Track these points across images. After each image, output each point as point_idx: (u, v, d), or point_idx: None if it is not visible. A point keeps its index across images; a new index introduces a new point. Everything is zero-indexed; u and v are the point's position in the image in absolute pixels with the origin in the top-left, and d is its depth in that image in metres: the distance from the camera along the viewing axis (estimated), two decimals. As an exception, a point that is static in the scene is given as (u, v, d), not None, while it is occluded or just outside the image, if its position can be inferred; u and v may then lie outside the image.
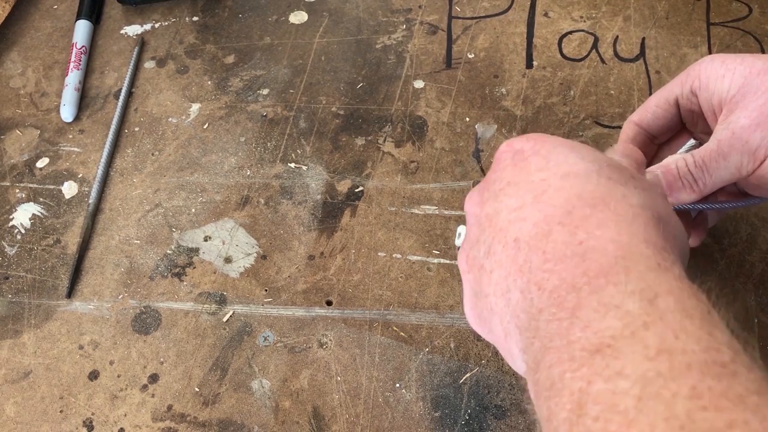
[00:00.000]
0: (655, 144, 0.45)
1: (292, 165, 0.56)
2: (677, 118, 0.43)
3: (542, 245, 0.29)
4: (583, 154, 0.32)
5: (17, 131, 0.60)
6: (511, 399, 0.45)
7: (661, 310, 0.25)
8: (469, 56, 0.61)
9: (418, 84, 0.60)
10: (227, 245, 0.53)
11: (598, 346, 0.25)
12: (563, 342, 0.26)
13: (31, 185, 0.57)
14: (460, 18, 0.64)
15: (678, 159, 0.39)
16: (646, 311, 0.25)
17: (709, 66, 0.39)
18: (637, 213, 0.29)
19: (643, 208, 0.30)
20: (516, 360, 0.32)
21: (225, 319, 0.49)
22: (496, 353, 0.46)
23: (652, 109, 0.43)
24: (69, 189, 0.56)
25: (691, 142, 0.44)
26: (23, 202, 0.56)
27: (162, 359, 0.48)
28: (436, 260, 0.51)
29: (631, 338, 0.24)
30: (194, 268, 0.52)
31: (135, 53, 0.63)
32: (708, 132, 0.41)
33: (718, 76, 0.39)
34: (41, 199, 0.56)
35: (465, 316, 0.36)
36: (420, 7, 0.65)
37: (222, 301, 0.50)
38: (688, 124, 0.43)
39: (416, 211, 0.53)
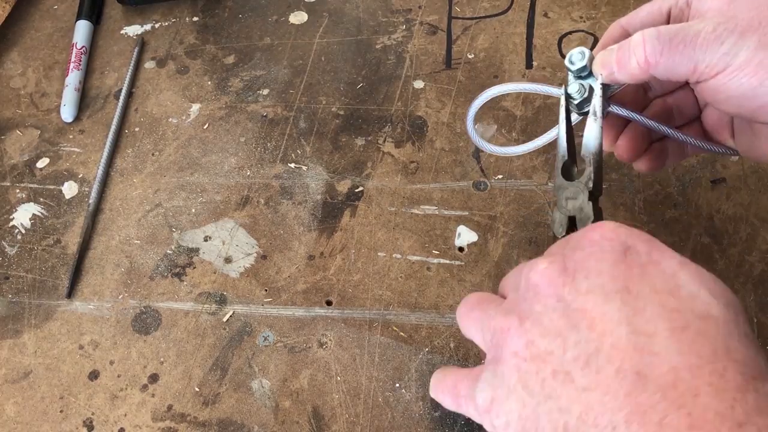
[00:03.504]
0: (650, 96, 0.43)
1: (292, 165, 0.56)
2: None
3: (687, 404, 0.24)
4: (712, 290, 0.28)
5: (17, 131, 0.60)
6: (511, 399, 0.45)
7: None
8: (469, 56, 0.61)
9: (418, 84, 0.60)
10: (227, 245, 0.53)
11: None
12: None
13: (31, 185, 0.57)
14: (459, 18, 0.64)
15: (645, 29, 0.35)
16: None
17: None
18: None
19: None
20: None
21: (225, 319, 0.49)
22: (496, 353, 0.46)
23: (641, 17, 0.39)
24: (69, 189, 0.56)
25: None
26: (23, 202, 0.56)
27: (162, 359, 0.48)
28: (435, 260, 0.51)
29: None
30: (194, 268, 0.52)
31: (135, 53, 0.64)
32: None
33: None
34: (41, 199, 0.56)
35: (476, 401, 0.31)
36: (420, 7, 0.65)
37: (222, 301, 0.50)
38: None
39: (416, 211, 0.53)
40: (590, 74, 0.39)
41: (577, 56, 0.39)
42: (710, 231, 0.50)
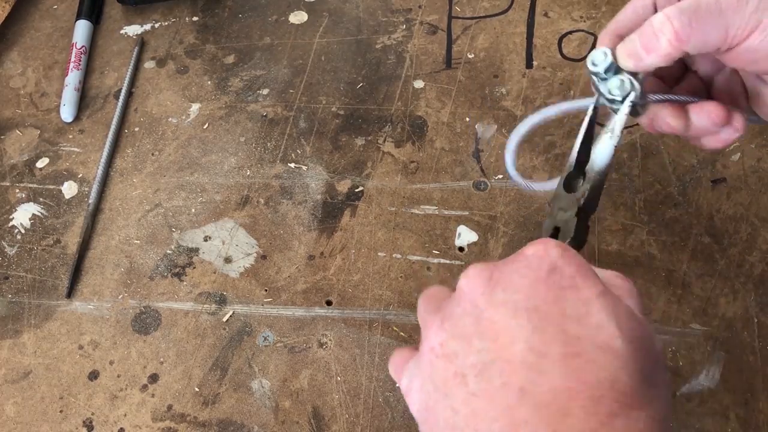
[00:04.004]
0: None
1: (292, 165, 0.56)
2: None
3: (555, 422, 0.25)
4: (620, 324, 0.28)
5: (17, 131, 0.60)
6: (511, 399, 0.45)
7: None
8: (469, 56, 0.61)
9: (418, 84, 0.60)
10: (227, 245, 0.53)
11: None
12: None
13: (31, 185, 0.57)
14: (460, 18, 0.64)
15: (662, 10, 0.34)
16: None
17: None
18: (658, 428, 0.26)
19: (663, 421, 0.27)
20: None
21: (225, 319, 0.49)
22: (496, 353, 0.46)
23: (628, 16, 0.38)
24: (69, 189, 0.56)
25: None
26: (23, 202, 0.56)
27: (162, 359, 0.48)
28: (435, 260, 0.51)
29: None
30: (194, 268, 0.52)
31: (135, 53, 0.63)
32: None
33: None
34: (41, 199, 0.56)
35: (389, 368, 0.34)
36: (420, 7, 0.65)
37: (222, 301, 0.50)
38: None
39: (416, 211, 0.53)
40: (616, 73, 0.37)
41: (599, 57, 0.37)
42: (710, 231, 0.50)
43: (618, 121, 0.37)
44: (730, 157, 0.53)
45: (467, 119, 0.57)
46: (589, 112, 0.39)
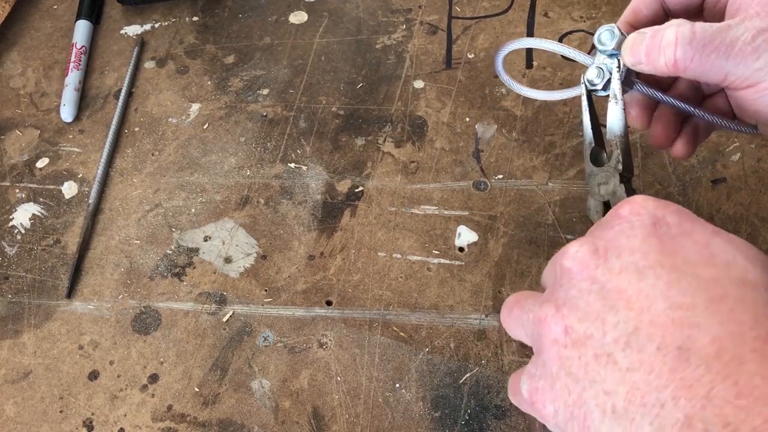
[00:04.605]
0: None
1: (292, 165, 0.56)
2: (662, 17, 0.39)
3: (733, 373, 0.24)
4: (747, 255, 0.27)
5: (17, 131, 0.60)
6: (511, 399, 0.45)
7: None
8: (469, 56, 0.61)
9: (418, 84, 0.60)
10: (227, 245, 0.53)
11: None
12: None
13: (31, 185, 0.57)
14: (460, 18, 0.64)
15: (681, 23, 0.34)
16: None
17: None
18: None
19: None
20: None
21: (225, 319, 0.49)
22: (496, 353, 0.46)
23: (636, 7, 0.38)
24: (69, 189, 0.56)
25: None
26: (23, 202, 0.56)
27: (162, 359, 0.48)
28: (435, 260, 0.51)
29: None
30: (194, 268, 0.52)
31: (135, 53, 0.63)
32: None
33: None
34: (41, 199, 0.56)
35: (517, 396, 0.31)
36: (420, 7, 0.65)
37: (222, 301, 0.50)
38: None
39: (416, 211, 0.53)
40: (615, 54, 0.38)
41: (606, 35, 0.37)
42: (710, 231, 0.50)
43: (615, 87, 0.38)
44: (730, 157, 0.53)
45: (467, 119, 0.57)
46: (584, 90, 0.40)
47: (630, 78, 0.38)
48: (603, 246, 0.29)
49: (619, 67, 0.38)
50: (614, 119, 0.38)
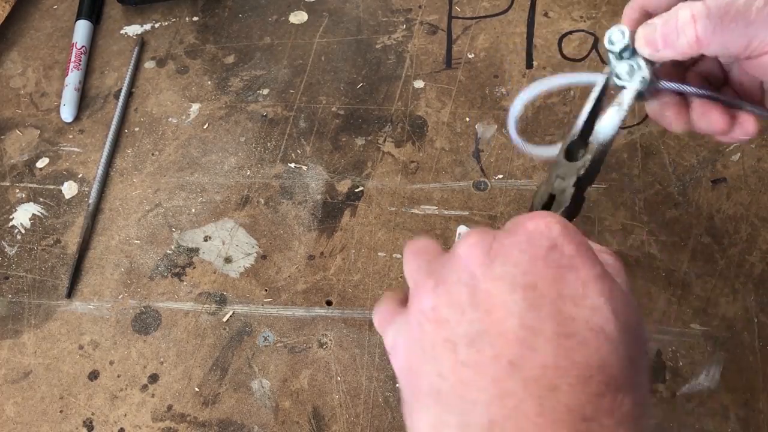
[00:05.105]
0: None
1: (292, 165, 0.56)
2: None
3: (543, 396, 0.26)
4: (615, 310, 0.28)
5: (17, 131, 0.60)
6: (511, 399, 0.45)
7: None
8: (469, 56, 0.61)
9: (418, 84, 0.60)
10: (227, 245, 0.53)
11: None
12: None
13: (31, 185, 0.57)
14: (460, 18, 0.64)
15: (690, 3, 0.34)
16: None
17: None
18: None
19: (645, 407, 0.28)
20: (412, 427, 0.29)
21: (225, 319, 0.49)
22: (496, 353, 0.46)
23: None
24: (69, 189, 0.56)
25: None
26: (23, 202, 0.56)
27: (162, 359, 0.48)
28: (436, 260, 0.50)
29: None
30: (194, 268, 0.52)
31: (135, 53, 0.63)
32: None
33: None
34: (41, 199, 0.56)
35: (375, 322, 0.34)
36: (420, 7, 0.65)
37: (222, 301, 0.50)
38: None
39: (416, 211, 0.53)
40: (633, 53, 0.37)
41: (616, 35, 0.36)
42: (711, 231, 0.50)
43: (627, 95, 0.37)
44: (730, 157, 0.53)
45: (467, 119, 0.57)
46: (600, 85, 0.38)
47: (653, 80, 0.37)
48: (497, 249, 0.30)
49: (650, 63, 0.36)
50: (607, 125, 0.37)
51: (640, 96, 0.38)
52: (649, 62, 0.37)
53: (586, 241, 0.30)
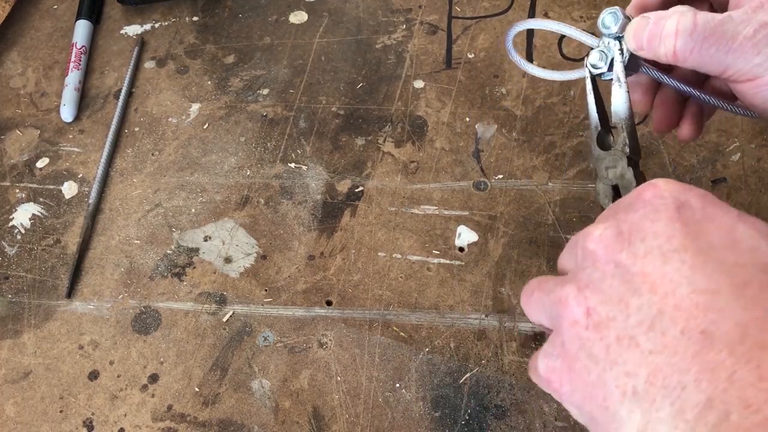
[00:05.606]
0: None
1: (292, 165, 0.56)
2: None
3: (755, 358, 0.24)
4: None
5: (17, 131, 0.60)
6: (511, 399, 0.45)
7: None
8: (469, 56, 0.61)
9: (418, 84, 0.60)
10: (227, 245, 0.53)
11: None
12: None
13: (31, 185, 0.57)
14: (460, 18, 0.64)
15: (684, 11, 0.34)
16: None
17: None
18: None
19: None
20: None
21: (225, 319, 0.49)
22: (496, 353, 0.46)
23: None
24: (69, 189, 0.56)
25: None
26: (23, 202, 0.56)
27: (162, 359, 0.48)
28: (436, 260, 0.51)
29: None
30: (194, 268, 0.52)
31: (135, 53, 0.63)
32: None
33: None
34: (41, 199, 0.56)
35: (535, 373, 0.31)
36: (420, 7, 0.65)
37: (222, 301, 0.50)
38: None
39: (416, 211, 0.53)
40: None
41: (609, 18, 0.37)
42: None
43: (617, 70, 0.38)
44: (730, 157, 0.53)
45: (467, 119, 0.57)
46: (588, 74, 0.40)
47: (636, 61, 0.38)
48: (627, 229, 0.28)
49: (621, 50, 0.38)
50: (619, 102, 0.38)
51: (628, 68, 0.39)
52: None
53: (704, 190, 0.29)
